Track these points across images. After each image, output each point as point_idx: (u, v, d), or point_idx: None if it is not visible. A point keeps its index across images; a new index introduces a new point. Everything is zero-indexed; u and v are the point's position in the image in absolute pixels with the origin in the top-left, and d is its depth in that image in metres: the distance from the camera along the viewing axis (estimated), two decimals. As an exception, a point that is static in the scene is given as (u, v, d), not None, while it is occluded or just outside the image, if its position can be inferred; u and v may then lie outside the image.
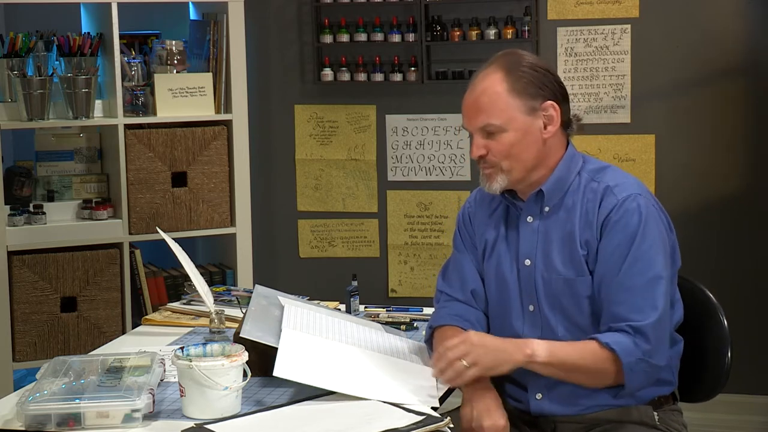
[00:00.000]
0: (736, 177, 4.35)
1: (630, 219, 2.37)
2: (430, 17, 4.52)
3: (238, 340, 2.38)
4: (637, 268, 2.35)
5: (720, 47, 4.31)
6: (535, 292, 2.46)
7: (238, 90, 4.14)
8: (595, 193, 2.43)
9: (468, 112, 2.45)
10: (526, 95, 2.42)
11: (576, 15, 4.41)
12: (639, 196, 2.40)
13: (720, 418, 4.18)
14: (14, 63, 3.98)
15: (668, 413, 2.48)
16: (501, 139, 2.42)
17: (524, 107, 2.42)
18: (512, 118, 2.41)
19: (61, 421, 2.14)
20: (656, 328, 2.34)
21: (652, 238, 2.38)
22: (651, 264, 2.36)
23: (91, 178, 4.12)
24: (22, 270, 3.87)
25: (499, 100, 2.41)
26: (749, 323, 4.28)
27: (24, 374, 3.88)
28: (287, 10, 4.70)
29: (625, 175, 2.48)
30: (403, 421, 2.13)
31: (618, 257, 2.37)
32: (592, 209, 2.42)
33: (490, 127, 2.41)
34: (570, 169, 2.47)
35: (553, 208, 2.46)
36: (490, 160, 2.43)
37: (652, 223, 2.39)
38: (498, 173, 2.44)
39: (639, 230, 2.37)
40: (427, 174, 4.67)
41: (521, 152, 2.43)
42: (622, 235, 2.37)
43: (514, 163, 2.43)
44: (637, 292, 2.35)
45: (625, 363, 2.32)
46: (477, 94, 2.43)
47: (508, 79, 2.42)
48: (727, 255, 4.36)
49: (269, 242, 4.80)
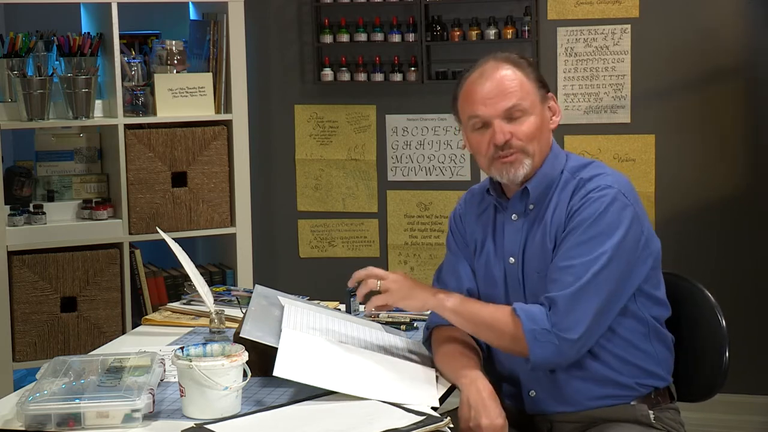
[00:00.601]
0: (736, 177, 4.35)
1: (589, 206, 2.38)
2: (430, 17, 4.52)
3: (238, 340, 2.38)
4: (578, 251, 2.35)
5: (720, 47, 4.31)
6: (521, 290, 2.48)
7: (238, 90, 4.15)
8: (571, 188, 2.44)
9: (488, 98, 2.44)
10: (537, 84, 2.47)
11: (576, 15, 4.41)
12: (608, 188, 2.39)
13: (719, 418, 4.18)
14: (14, 63, 3.98)
15: (664, 411, 2.48)
16: (526, 123, 2.43)
17: (538, 95, 2.47)
18: (535, 103, 2.46)
19: (61, 421, 2.14)
20: (571, 301, 2.32)
21: (606, 225, 2.36)
22: (590, 250, 2.35)
23: (91, 178, 4.12)
24: (22, 270, 3.87)
25: (524, 84, 2.45)
26: (749, 323, 4.28)
27: (24, 374, 3.88)
28: (287, 10, 4.70)
29: (606, 170, 2.47)
30: (403, 421, 2.13)
31: (566, 242, 2.38)
32: (566, 201, 2.43)
33: (518, 108, 2.43)
34: (554, 167, 2.48)
35: (537, 206, 2.47)
36: (515, 144, 2.43)
37: (613, 212, 2.37)
38: (524, 157, 2.44)
39: (594, 216, 2.36)
40: (427, 174, 4.67)
41: (542, 137, 2.47)
42: (578, 220, 2.38)
43: (537, 147, 2.45)
44: (567, 270, 2.35)
45: (527, 330, 2.32)
46: (499, 79, 2.45)
47: (520, 69, 2.46)
48: (726, 255, 4.36)
49: (269, 242, 4.80)
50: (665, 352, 2.50)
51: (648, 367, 2.46)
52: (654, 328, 2.47)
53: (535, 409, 2.49)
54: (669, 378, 2.52)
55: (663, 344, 2.50)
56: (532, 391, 2.48)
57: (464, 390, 2.38)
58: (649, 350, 2.46)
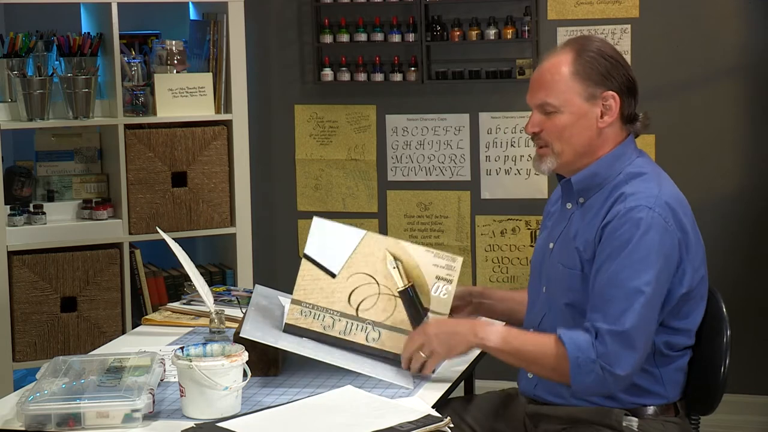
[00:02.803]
0: (736, 177, 4.35)
1: (628, 229, 2.35)
2: (430, 17, 4.52)
3: (238, 340, 2.38)
4: (620, 278, 2.33)
5: (720, 47, 4.31)
6: (546, 275, 2.52)
7: (238, 90, 4.15)
8: (616, 195, 2.42)
9: (531, 86, 2.50)
10: (588, 81, 2.45)
11: (576, 15, 4.41)
12: (647, 208, 2.36)
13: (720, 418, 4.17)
14: (14, 63, 3.98)
15: (657, 423, 2.45)
16: (556, 120, 2.45)
17: (584, 92, 2.44)
18: (569, 101, 2.44)
19: (61, 421, 2.14)
20: (619, 338, 2.31)
21: (646, 250, 2.34)
22: (635, 276, 2.33)
23: (91, 178, 4.12)
24: (22, 270, 3.87)
25: (560, 81, 2.44)
26: (749, 323, 4.28)
27: (24, 374, 3.88)
28: (287, 10, 4.70)
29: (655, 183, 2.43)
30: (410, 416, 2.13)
31: (608, 263, 2.35)
32: (604, 211, 2.41)
33: (548, 106, 2.45)
34: (612, 167, 2.46)
35: (588, 201, 2.48)
36: (543, 138, 2.47)
37: (652, 236, 2.35)
38: (549, 154, 2.48)
39: (633, 240, 2.33)
40: (427, 174, 4.67)
41: (573, 136, 2.45)
42: (616, 243, 2.35)
43: (565, 146, 2.46)
44: (613, 300, 2.32)
45: (572, 358, 2.31)
46: (542, 71, 2.47)
47: (576, 62, 2.44)
48: (726, 255, 4.35)
49: (269, 242, 4.80)
50: (671, 373, 2.47)
51: (645, 386, 2.44)
52: (660, 352, 2.45)
53: (525, 391, 2.53)
54: (673, 396, 2.48)
55: (670, 366, 2.47)
56: (530, 373, 2.51)
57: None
58: (651, 371, 2.44)
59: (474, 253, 4.62)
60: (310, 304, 2.49)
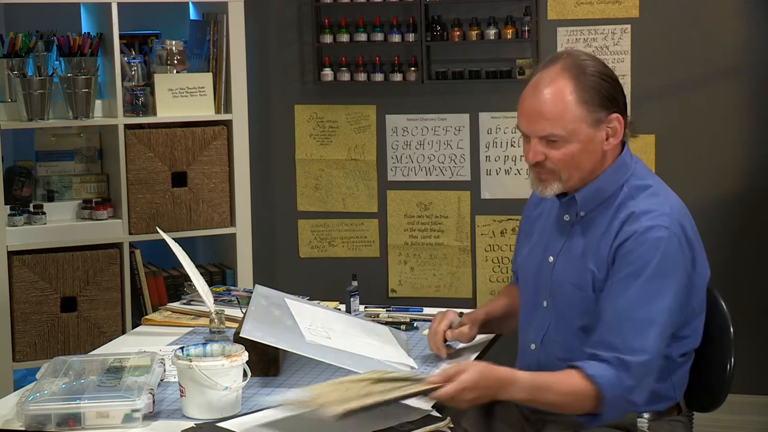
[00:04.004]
0: (736, 177, 4.35)
1: (646, 251, 2.31)
2: (430, 17, 4.52)
3: (238, 340, 2.38)
4: (639, 302, 2.30)
5: (720, 47, 4.31)
6: (549, 290, 2.47)
7: (238, 90, 4.15)
8: (625, 212, 2.38)
9: (529, 115, 2.37)
10: (593, 106, 2.36)
11: (576, 15, 4.41)
12: (664, 228, 2.33)
13: (720, 418, 4.18)
14: (14, 63, 3.98)
15: (664, 423, 2.45)
16: (563, 149, 2.36)
17: (590, 119, 2.36)
18: (577, 130, 2.35)
19: (61, 421, 2.14)
20: (643, 369, 2.30)
21: (664, 274, 2.31)
22: (655, 301, 2.30)
23: (91, 178, 4.12)
24: (22, 270, 3.87)
25: (566, 111, 2.34)
26: (749, 323, 4.28)
27: (24, 374, 3.88)
28: (287, 10, 4.70)
29: (663, 198, 2.41)
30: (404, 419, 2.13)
31: (625, 286, 2.32)
32: (615, 229, 2.37)
33: (553, 137, 2.35)
34: (614, 180, 2.42)
35: (589, 214, 2.43)
36: (548, 166, 2.38)
37: (670, 259, 2.32)
38: (555, 181, 2.40)
39: (652, 264, 2.30)
40: (427, 174, 4.67)
41: (581, 163, 2.38)
42: (635, 266, 2.31)
43: (573, 173, 2.39)
44: (635, 327, 2.30)
45: (608, 398, 2.29)
46: (543, 100, 2.35)
47: (578, 88, 2.34)
48: (727, 255, 4.35)
49: (269, 242, 4.80)
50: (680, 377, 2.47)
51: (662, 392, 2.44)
52: (674, 361, 2.44)
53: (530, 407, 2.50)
54: (679, 396, 2.49)
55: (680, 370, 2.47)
56: None
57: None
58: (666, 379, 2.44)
59: (474, 253, 4.62)
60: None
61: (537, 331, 2.49)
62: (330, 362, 2.41)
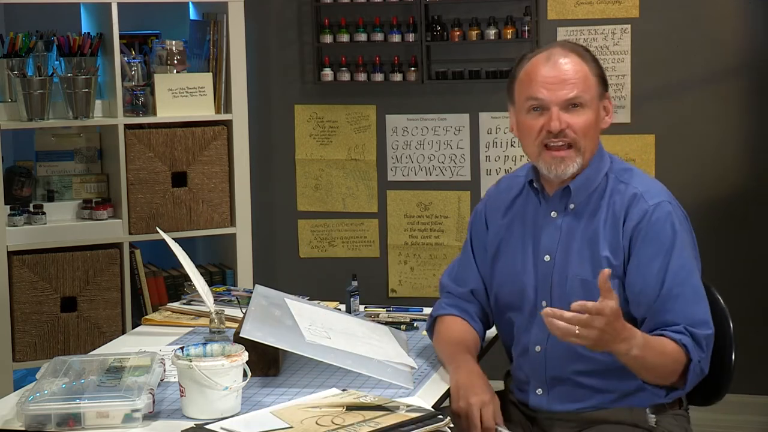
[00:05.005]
0: (736, 177, 4.35)
1: (662, 228, 2.38)
2: (430, 17, 4.52)
3: (238, 340, 2.38)
4: (681, 277, 2.36)
5: (720, 47, 4.31)
6: (549, 289, 2.46)
7: (238, 90, 4.15)
8: (623, 196, 2.42)
9: (552, 83, 2.41)
10: (599, 80, 2.46)
11: (576, 15, 4.41)
12: (668, 203, 2.41)
13: (720, 418, 4.18)
14: (14, 63, 3.98)
15: (669, 417, 2.46)
16: (584, 116, 2.42)
17: (597, 92, 2.45)
18: (593, 99, 2.44)
19: (61, 421, 2.14)
20: (709, 340, 2.37)
21: (687, 244, 2.40)
22: (692, 271, 2.39)
23: (91, 178, 4.12)
24: (22, 270, 3.87)
25: (587, 78, 2.43)
26: (749, 323, 4.27)
27: (24, 374, 3.88)
28: (287, 10, 4.70)
29: (651, 179, 2.50)
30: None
31: (658, 268, 2.36)
32: (620, 213, 2.40)
33: (578, 100, 2.41)
34: (599, 169, 2.46)
35: (579, 206, 2.45)
36: (569, 135, 2.41)
37: (684, 229, 2.41)
38: (575, 154, 2.42)
39: (676, 239, 2.38)
40: (427, 174, 4.67)
41: (594, 135, 2.45)
42: (657, 245, 2.37)
43: (588, 144, 2.43)
44: (688, 301, 2.36)
45: (693, 363, 2.35)
46: (563, 68, 2.42)
47: (585, 62, 2.44)
48: (727, 255, 4.35)
49: (269, 242, 4.80)
50: None
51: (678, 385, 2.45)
52: None
53: (538, 405, 2.50)
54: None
55: None
56: (539, 389, 2.48)
57: (454, 373, 2.41)
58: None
59: (474, 253, 4.62)
60: None
61: (540, 333, 2.46)
62: (330, 362, 2.41)
